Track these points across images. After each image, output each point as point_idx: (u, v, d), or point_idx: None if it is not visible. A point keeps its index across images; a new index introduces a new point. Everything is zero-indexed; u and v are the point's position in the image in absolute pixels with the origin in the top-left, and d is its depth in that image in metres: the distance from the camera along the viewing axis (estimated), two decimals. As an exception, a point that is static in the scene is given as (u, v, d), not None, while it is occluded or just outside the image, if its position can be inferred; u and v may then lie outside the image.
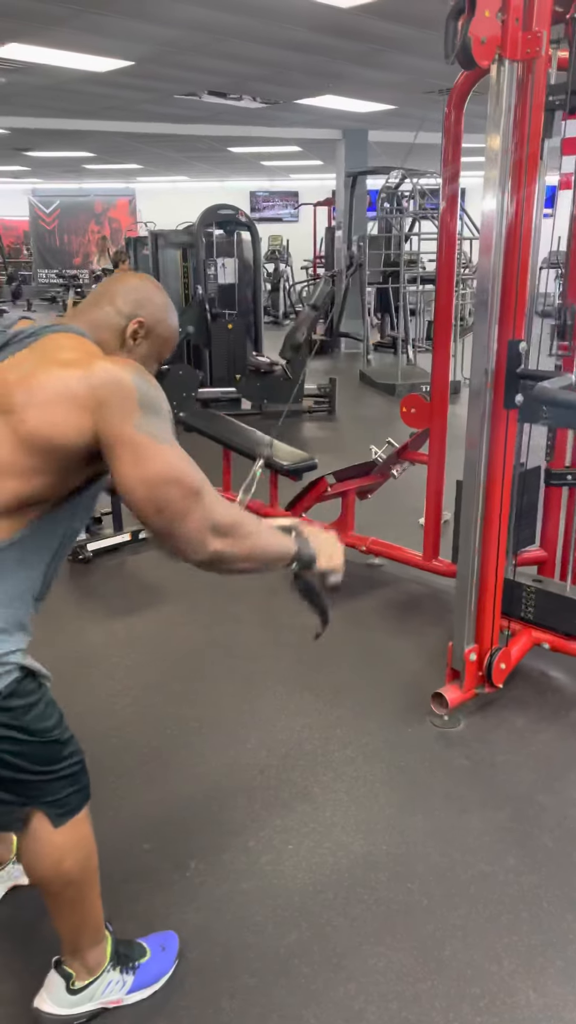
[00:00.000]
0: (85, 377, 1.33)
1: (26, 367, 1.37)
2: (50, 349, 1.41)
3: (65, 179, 17.46)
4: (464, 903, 1.98)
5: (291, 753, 2.53)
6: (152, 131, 10.90)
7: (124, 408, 1.33)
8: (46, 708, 1.46)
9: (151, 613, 3.50)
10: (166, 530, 1.35)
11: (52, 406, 1.33)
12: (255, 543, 1.45)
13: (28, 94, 8.70)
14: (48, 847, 1.51)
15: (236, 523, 1.41)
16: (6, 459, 1.33)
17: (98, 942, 1.66)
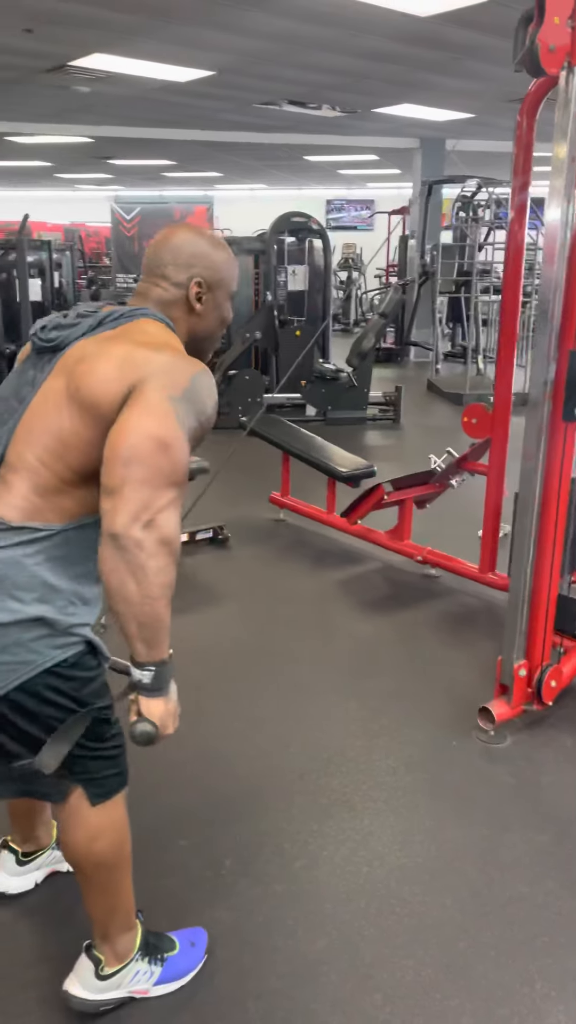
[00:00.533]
0: (149, 355, 1.39)
1: (104, 345, 1.43)
2: (131, 332, 1.46)
3: (146, 186, 17.81)
4: (499, 923, 1.94)
5: (332, 759, 2.53)
6: (231, 140, 11.05)
7: (170, 382, 1.37)
8: (102, 687, 1.51)
9: (203, 613, 3.54)
10: (117, 485, 1.30)
11: (99, 373, 1.39)
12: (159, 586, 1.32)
13: (111, 103, 8.93)
14: (83, 825, 1.55)
15: (171, 551, 1.33)
16: (68, 430, 1.39)
17: (128, 929, 1.68)
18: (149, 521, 1.30)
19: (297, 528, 4.57)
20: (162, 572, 1.33)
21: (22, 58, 6.98)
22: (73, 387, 1.40)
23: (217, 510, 4.69)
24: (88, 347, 1.45)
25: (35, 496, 1.41)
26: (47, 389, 1.45)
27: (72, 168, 14.50)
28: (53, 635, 1.41)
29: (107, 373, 1.38)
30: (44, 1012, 1.69)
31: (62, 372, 1.44)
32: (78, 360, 1.43)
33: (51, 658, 1.41)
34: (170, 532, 1.33)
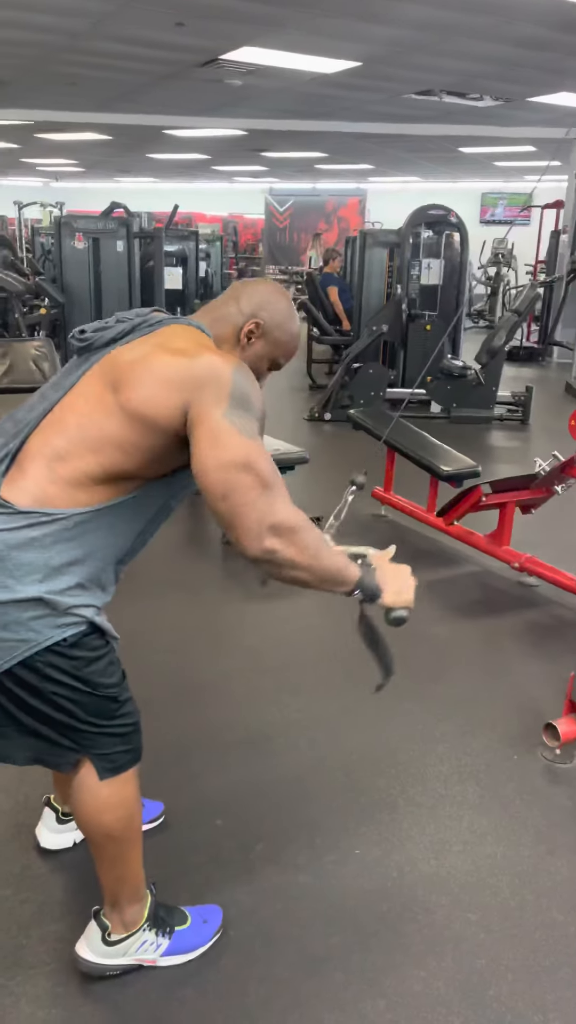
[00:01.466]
0: (188, 364, 1.45)
1: (141, 351, 1.50)
2: (167, 337, 1.52)
3: (299, 179, 17.99)
4: (524, 947, 1.86)
5: (383, 759, 2.49)
6: (381, 131, 10.96)
7: (217, 395, 1.42)
8: (108, 666, 1.56)
9: (284, 602, 3.56)
10: (228, 518, 1.42)
11: (154, 387, 1.45)
12: (313, 556, 1.47)
13: (262, 96, 9.06)
14: (92, 797, 1.60)
15: (297, 529, 1.44)
16: (114, 432, 1.46)
17: (137, 900, 1.73)
18: (268, 529, 1.41)
19: (397, 525, 4.51)
20: (306, 549, 1.45)
21: (176, 53, 7.19)
22: (123, 398, 1.46)
23: (318, 501, 4.69)
24: (124, 354, 1.51)
25: (48, 484, 1.46)
26: (84, 387, 1.52)
27: (228, 161, 14.83)
28: (52, 615, 1.46)
29: (154, 390, 1.45)
30: (56, 966, 1.76)
31: (100, 375, 1.51)
32: (114, 364, 1.50)
33: (49, 637, 1.46)
34: (286, 519, 1.44)
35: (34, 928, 1.86)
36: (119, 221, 6.33)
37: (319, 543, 1.50)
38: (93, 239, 6.23)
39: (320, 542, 1.50)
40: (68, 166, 16.25)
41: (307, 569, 1.47)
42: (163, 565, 3.90)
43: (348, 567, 1.55)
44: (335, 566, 1.52)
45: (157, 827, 2.17)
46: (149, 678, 2.91)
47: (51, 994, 1.70)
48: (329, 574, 1.51)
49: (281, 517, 1.43)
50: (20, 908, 1.91)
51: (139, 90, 8.76)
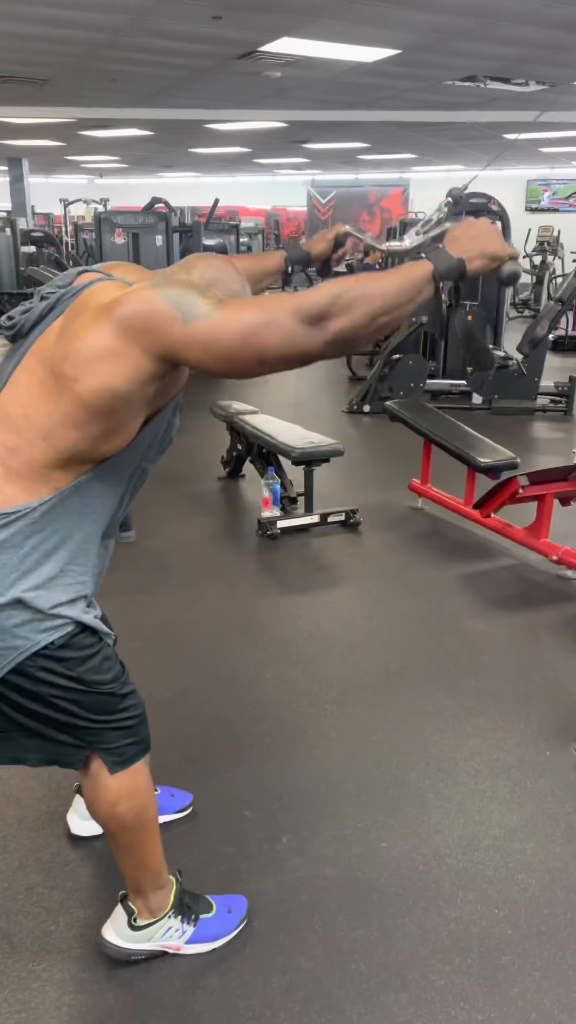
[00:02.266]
0: (113, 322, 1.35)
1: (68, 326, 1.41)
2: (85, 304, 1.42)
3: (341, 170, 17.88)
4: (552, 944, 1.83)
5: (414, 753, 2.47)
6: (423, 119, 10.84)
7: (163, 318, 1.33)
8: (103, 663, 1.54)
9: (318, 595, 3.56)
10: (278, 367, 1.35)
11: (101, 363, 1.35)
12: (370, 296, 1.32)
13: (303, 87, 9.01)
14: (104, 791, 1.61)
15: (332, 297, 1.31)
16: (64, 414, 1.39)
17: (160, 887, 1.75)
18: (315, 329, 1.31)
19: (433, 518, 4.47)
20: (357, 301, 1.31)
21: (214, 46, 7.19)
22: (71, 383, 1.37)
23: (354, 494, 4.69)
24: (53, 333, 1.43)
25: (5, 484, 1.41)
26: (23, 376, 1.44)
27: (269, 153, 14.79)
28: (36, 619, 1.44)
29: (103, 366, 1.35)
30: (83, 951, 1.79)
31: (37, 360, 1.43)
32: (49, 347, 1.41)
33: (36, 642, 1.44)
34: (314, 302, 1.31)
35: (63, 914, 1.89)
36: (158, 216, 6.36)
37: (365, 283, 1.34)
38: (133, 234, 6.28)
39: (365, 282, 1.34)
40: (112, 163, 16.39)
41: (382, 311, 1.32)
42: (199, 557, 3.92)
43: (412, 269, 1.37)
44: (402, 280, 1.35)
45: (186, 817, 2.18)
46: (183, 669, 2.94)
47: (77, 979, 1.73)
48: (405, 291, 1.34)
49: (307, 307, 1.30)
50: (49, 894, 1.94)
51: (179, 84, 8.79)
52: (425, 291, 1.38)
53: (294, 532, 4.18)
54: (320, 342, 1.32)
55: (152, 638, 3.15)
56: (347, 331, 1.32)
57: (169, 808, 2.18)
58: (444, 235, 1.44)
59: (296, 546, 4.08)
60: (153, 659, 3.00)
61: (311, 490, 4.22)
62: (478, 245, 1.40)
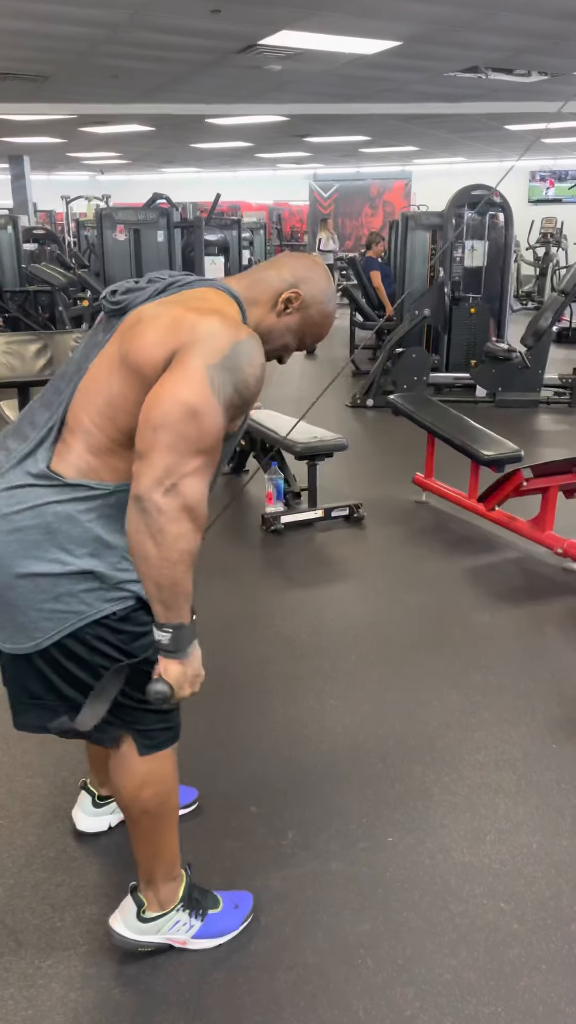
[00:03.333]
0: (194, 319, 1.40)
1: (159, 308, 1.46)
2: (188, 296, 1.49)
3: (343, 164, 17.83)
4: (558, 938, 1.83)
5: (420, 748, 2.47)
6: (424, 112, 10.79)
7: (210, 349, 1.38)
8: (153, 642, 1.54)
9: (324, 589, 3.56)
10: (145, 449, 1.36)
11: (152, 335, 1.41)
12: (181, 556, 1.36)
13: (303, 80, 8.98)
14: (131, 771, 1.62)
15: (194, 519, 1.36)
16: (119, 391, 1.44)
17: (172, 879, 1.75)
18: (172, 486, 1.34)
19: (438, 511, 4.46)
20: (181, 538, 1.36)
21: (214, 40, 7.17)
22: (124, 350, 1.45)
23: (358, 488, 4.69)
24: (145, 311, 1.48)
25: (90, 456, 1.47)
26: (105, 352, 1.50)
27: (271, 148, 14.75)
28: (103, 588, 1.48)
29: (153, 337, 1.42)
30: (89, 948, 1.79)
31: (118, 336, 1.49)
32: (132, 324, 1.47)
33: (100, 610, 1.48)
34: (193, 499, 1.35)
35: (68, 910, 1.89)
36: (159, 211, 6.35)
37: (193, 554, 1.39)
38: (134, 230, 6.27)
39: (194, 555, 1.39)
40: (113, 159, 16.37)
41: (166, 559, 1.36)
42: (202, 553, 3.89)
43: (188, 602, 1.43)
44: (184, 585, 1.40)
45: (191, 813, 2.18)
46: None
47: (83, 976, 1.73)
48: (173, 585, 1.38)
49: (189, 488, 1.34)
50: (56, 891, 1.95)
51: (179, 79, 8.76)
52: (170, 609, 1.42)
53: (298, 527, 4.18)
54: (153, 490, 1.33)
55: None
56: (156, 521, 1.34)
57: (175, 804, 2.18)
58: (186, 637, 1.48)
59: (300, 541, 4.08)
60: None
61: (315, 485, 4.22)
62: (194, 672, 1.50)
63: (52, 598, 1.46)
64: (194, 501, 1.36)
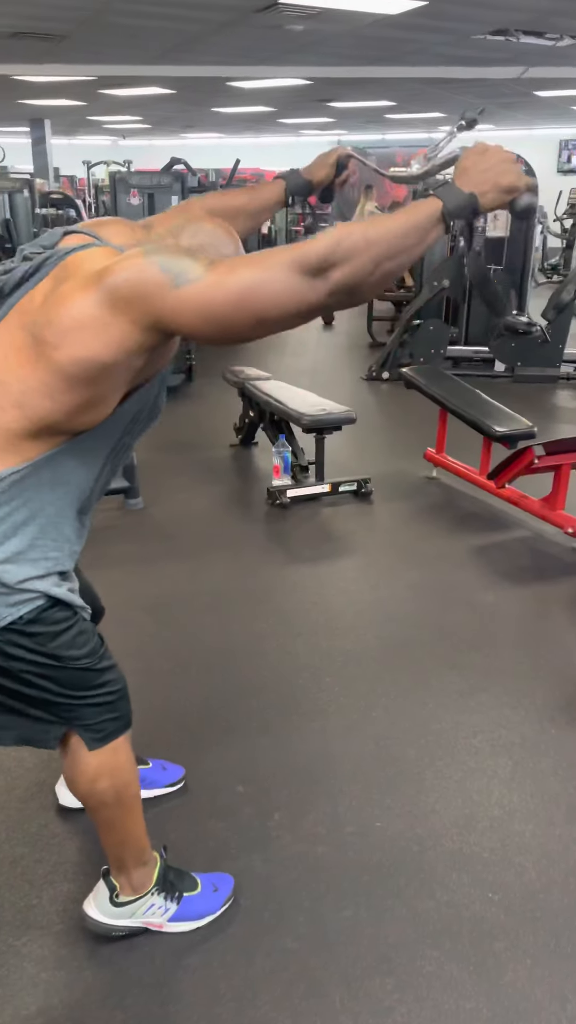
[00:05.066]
0: (102, 292, 1.27)
1: (53, 290, 1.33)
2: (75, 268, 1.34)
3: (368, 130, 17.48)
4: (545, 930, 1.77)
5: (413, 730, 2.41)
6: (452, 76, 10.51)
7: (154, 284, 1.25)
8: (77, 637, 1.47)
9: (325, 565, 3.49)
10: (277, 325, 1.27)
11: (84, 332, 1.27)
12: (373, 240, 1.21)
13: (325, 42, 8.75)
14: (83, 767, 1.57)
15: (333, 245, 1.21)
16: (39, 381, 1.31)
17: (143, 864, 1.71)
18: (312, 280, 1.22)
19: (448, 488, 4.36)
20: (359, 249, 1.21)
21: (233, -1, 6.98)
22: (51, 351, 1.29)
23: (368, 463, 4.60)
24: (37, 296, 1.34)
25: None
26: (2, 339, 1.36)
27: (294, 113, 14.46)
28: (4, 593, 1.37)
29: (87, 335, 1.27)
30: (64, 927, 1.76)
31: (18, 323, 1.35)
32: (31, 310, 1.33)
33: (4, 617, 1.38)
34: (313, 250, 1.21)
35: (46, 888, 1.86)
36: (174, 176, 6.22)
37: (365, 225, 1.23)
38: (148, 195, 6.14)
39: (364, 225, 1.23)
40: (135, 123, 16.14)
41: (387, 255, 1.22)
42: (206, 526, 3.86)
43: (418, 208, 1.25)
44: (404, 221, 1.24)
45: (177, 791, 2.14)
46: (183, 640, 2.89)
47: (56, 956, 1.70)
48: (411, 233, 1.24)
49: (305, 255, 1.21)
50: (34, 867, 1.92)
51: (198, 39, 8.56)
52: (434, 231, 1.26)
53: (304, 501, 4.10)
54: (322, 293, 1.22)
55: (154, 608, 3.10)
56: (350, 279, 1.22)
57: (160, 782, 2.14)
58: (454, 161, 1.33)
59: (305, 515, 4.00)
60: (154, 629, 2.96)
61: (322, 459, 4.13)
62: (491, 177, 1.27)
63: None
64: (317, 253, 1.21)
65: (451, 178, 1.29)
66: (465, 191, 1.26)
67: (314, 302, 1.23)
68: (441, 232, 1.26)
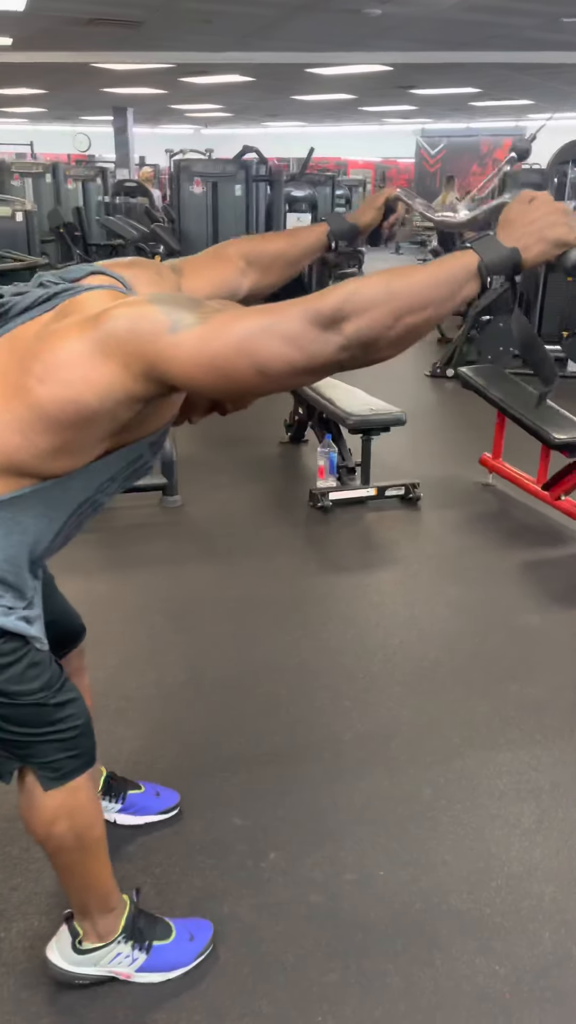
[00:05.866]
0: (98, 333, 1.16)
1: (50, 325, 1.23)
2: (79, 307, 1.24)
3: (453, 118, 17.01)
4: (554, 1016, 1.57)
5: (433, 766, 2.22)
6: (541, 61, 10.07)
7: (150, 326, 1.14)
8: (26, 671, 1.33)
9: (361, 575, 3.30)
10: (283, 379, 1.15)
11: (72, 371, 1.17)
12: (396, 291, 1.10)
13: (406, 26, 8.46)
14: (39, 809, 1.43)
15: (348, 295, 1.09)
16: (16, 413, 1.20)
17: (109, 910, 1.57)
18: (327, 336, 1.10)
19: (503, 496, 4.11)
20: (381, 300, 1.10)
21: (309, -18, 6.79)
22: (35, 387, 1.19)
23: (419, 466, 4.38)
24: (32, 327, 1.25)
25: None
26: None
27: (375, 100, 14.16)
28: None
29: (75, 376, 1.17)
30: (28, 965, 1.64)
31: (9, 349, 1.25)
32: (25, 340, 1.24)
33: None
34: (327, 303, 1.10)
35: (17, 920, 1.75)
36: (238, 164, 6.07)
37: (389, 276, 1.12)
38: (212, 183, 6.02)
39: (388, 275, 1.12)
40: (216, 111, 16.11)
41: (402, 309, 1.10)
42: (243, 527, 3.72)
43: (452, 261, 1.14)
44: (433, 274, 1.13)
45: (170, 819, 2.01)
46: (202, 649, 2.76)
47: (15, 999, 1.58)
48: (436, 286, 1.13)
49: (318, 305, 1.09)
50: (8, 895, 1.81)
51: (274, 25, 8.40)
52: (468, 287, 1.14)
53: (348, 505, 3.92)
54: (333, 346, 1.10)
55: (176, 613, 2.98)
56: (365, 333, 1.09)
57: (152, 808, 2.01)
58: (502, 208, 1.21)
59: (347, 520, 3.82)
60: (172, 636, 2.83)
61: (368, 461, 3.94)
62: (537, 229, 1.15)
63: None
64: (331, 306, 1.10)
65: (486, 236, 1.17)
66: (507, 245, 1.14)
67: (324, 356, 1.11)
68: (476, 288, 1.14)
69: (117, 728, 2.34)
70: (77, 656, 1.81)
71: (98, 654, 2.68)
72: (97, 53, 10.13)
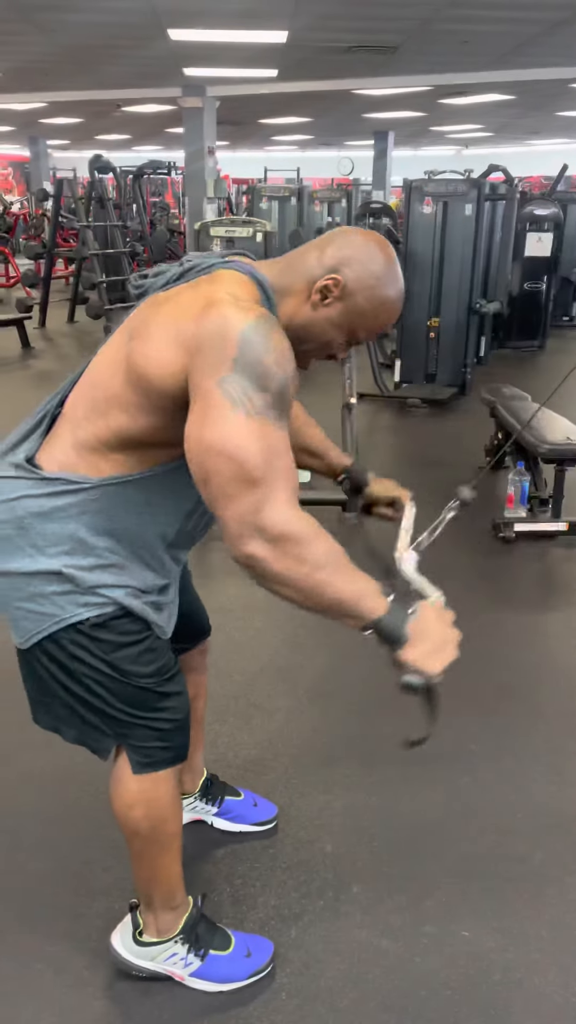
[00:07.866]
0: (197, 317, 1.22)
1: (166, 298, 1.32)
2: (200, 284, 1.30)
3: None
4: None
5: (557, 827, 2.02)
6: None
7: (217, 359, 1.19)
8: (143, 654, 1.41)
9: (530, 616, 3.10)
10: (211, 506, 1.22)
11: (154, 340, 1.26)
12: (311, 575, 1.20)
13: None
14: (123, 789, 1.50)
15: (295, 539, 1.19)
16: (118, 390, 1.32)
17: (171, 908, 1.60)
18: (252, 532, 1.18)
19: None
20: (293, 568, 1.20)
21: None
22: (129, 349, 1.30)
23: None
24: (153, 303, 1.33)
25: (72, 451, 1.36)
26: (112, 342, 1.37)
27: None
28: (76, 592, 1.35)
29: (158, 343, 1.26)
30: (97, 944, 1.69)
31: (126, 329, 1.35)
32: (141, 320, 1.32)
33: (73, 614, 1.36)
34: (278, 525, 1.18)
35: (101, 900, 1.83)
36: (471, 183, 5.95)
37: (329, 560, 1.20)
38: (443, 203, 5.95)
39: (333, 558, 1.21)
40: (476, 131, 15.94)
41: (301, 590, 1.21)
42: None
43: (366, 598, 1.23)
44: (343, 593, 1.22)
45: (264, 832, 2.01)
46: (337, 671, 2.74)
47: (77, 977, 1.65)
48: (332, 602, 1.22)
49: (269, 522, 1.17)
50: (100, 875, 1.89)
51: (533, 41, 8.16)
52: (352, 621, 1.24)
53: (535, 539, 3.69)
54: (238, 546, 1.19)
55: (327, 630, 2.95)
56: (272, 569, 1.20)
57: (249, 818, 2.02)
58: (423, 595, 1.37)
59: (531, 555, 3.60)
60: (314, 652, 2.83)
61: (561, 493, 3.69)
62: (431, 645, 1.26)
63: (26, 597, 1.36)
64: (281, 525, 1.18)
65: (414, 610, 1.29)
66: (405, 632, 1.24)
67: (228, 539, 1.20)
68: (354, 625, 1.25)
69: (239, 734, 2.38)
70: (199, 654, 1.87)
71: (240, 658, 2.76)
72: (356, 80, 10.43)
